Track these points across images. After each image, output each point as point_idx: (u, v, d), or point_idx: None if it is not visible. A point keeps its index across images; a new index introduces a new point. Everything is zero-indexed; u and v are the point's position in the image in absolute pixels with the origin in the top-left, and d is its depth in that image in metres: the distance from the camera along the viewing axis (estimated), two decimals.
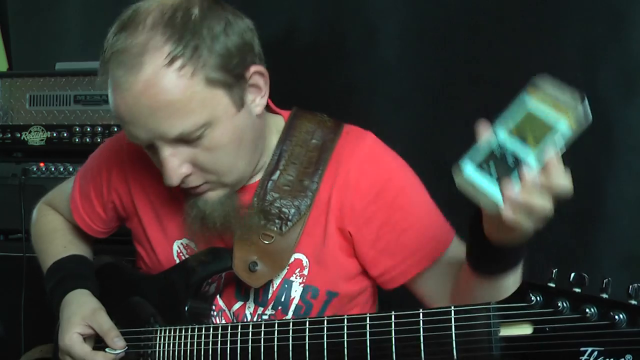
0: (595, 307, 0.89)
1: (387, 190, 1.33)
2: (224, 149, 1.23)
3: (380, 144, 1.39)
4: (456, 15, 2.11)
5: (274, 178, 1.34)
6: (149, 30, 1.16)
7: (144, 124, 1.19)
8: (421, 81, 2.16)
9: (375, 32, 2.22)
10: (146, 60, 1.15)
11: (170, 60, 1.15)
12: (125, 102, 1.18)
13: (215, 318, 1.40)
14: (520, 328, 0.95)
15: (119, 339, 1.35)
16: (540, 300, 0.94)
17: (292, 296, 1.36)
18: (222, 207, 1.30)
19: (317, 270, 1.35)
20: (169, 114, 1.17)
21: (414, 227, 1.33)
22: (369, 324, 1.11)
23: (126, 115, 1.20)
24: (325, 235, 1.34)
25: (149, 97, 1.15)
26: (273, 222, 1.32)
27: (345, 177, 1.33)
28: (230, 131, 1.23)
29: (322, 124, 1.39)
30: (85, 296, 1.43)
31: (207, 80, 1.18)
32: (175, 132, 1.19)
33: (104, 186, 1.49)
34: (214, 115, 1.20)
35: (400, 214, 1.33)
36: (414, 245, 1.33)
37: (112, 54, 1.17)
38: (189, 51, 1.16)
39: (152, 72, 1.15)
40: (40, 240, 1.61)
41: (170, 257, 1.43)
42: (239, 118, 1.24)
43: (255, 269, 1.30)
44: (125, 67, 1.16)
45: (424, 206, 1.38)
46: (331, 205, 1.33)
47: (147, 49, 1.15)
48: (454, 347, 1.01)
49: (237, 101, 1.23)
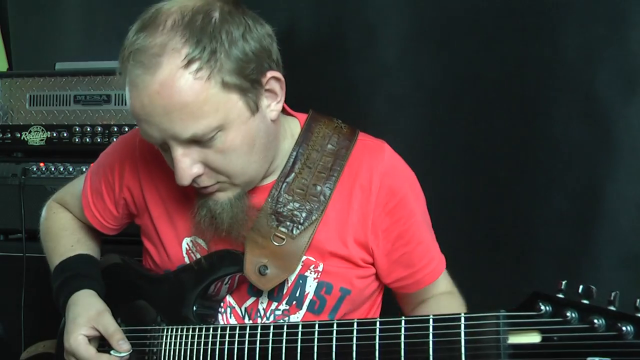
0: (604, 318, 0.90)
1: (404, 204, 1.38)
2: (235, 152, 1.24)
3: (397, 157, 1.44)
4: (456, 15, 2.11)
5: (288, 181, 1.36)
6: (168, 32, 1.17)
7: (157, 123, 1.20)
8: (421, 81, 2.16)
9: (375, 32, 2.22)
10: (164, 61, 1.16)
11: (188, 63, 1.16)
12: (141, 100, 1.19)
13: (223, 315, 1.40)
14: (529, 336, 0.96)
15: (123, 341, 1.36)
16: (550, 310, 0.95)
17: (306, 291, 1.38)
18: (231, 207, 1.31)
19: (332, 266, 1.37)
20: (182, 116, 1.18)
21: (425, 241, 1.42)
22: (378, 327, 1.12)
23: (141, 114, 1.21)
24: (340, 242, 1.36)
25: (164, 97, 1.16)
26: (285, 224, 1.34)
27: (365, 188, 1.36)
28: (242, 135, 1.24)
29: (338, 129, 1.41)
30: (91, 297, 1.44)
31: (223, 84, 1.19)
32: (188, 134, 1.19)
33: (116, 183, 1.50)
34: (227, 119, 1.21)
35: (415, 227, 1.40)
36: (426, 258, 1.42)
37: (130, 52, 1.18)
38: (207, 54, 1.17)
39: (168, 73, 1.16)
40: (48, 238, 1.61)
41: (179, 254, 1.44)
42: (252, 122, 1.25)
43: (265, 272, 1.32)
44: (143, 66, 1.17)
45: (429, 223, 1.47)
46: (350, 214, 1.36)
47: (166, 50, 1.16)
48: (463, 353, 1.02)
49: (251, 106, 1.24)
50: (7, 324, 2.23)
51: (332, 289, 1.38)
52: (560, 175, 1.97)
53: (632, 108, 1.86)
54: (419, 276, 1.42)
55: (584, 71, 1.92)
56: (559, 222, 1.97)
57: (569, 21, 1.93)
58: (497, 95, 2.06)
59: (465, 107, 2.11)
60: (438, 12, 2.13)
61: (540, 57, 1.98)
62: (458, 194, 2.09)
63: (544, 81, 1.98)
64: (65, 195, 1.65)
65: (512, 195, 2.04)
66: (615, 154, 1.88)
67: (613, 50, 1.88)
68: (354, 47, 2.25)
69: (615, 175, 1.89)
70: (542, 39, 1.98)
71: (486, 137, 2.07)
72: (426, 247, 1.43)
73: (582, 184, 1.94)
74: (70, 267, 1.49)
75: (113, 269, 1.55)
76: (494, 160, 2.06)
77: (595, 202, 1.91)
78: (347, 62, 2.26)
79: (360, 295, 1.42)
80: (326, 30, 2.30)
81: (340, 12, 2.28)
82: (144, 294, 1.46)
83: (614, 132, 1.88)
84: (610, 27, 1.88)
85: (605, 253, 1.91)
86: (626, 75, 1.87)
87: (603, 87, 1.89)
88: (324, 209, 1.35)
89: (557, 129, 1.96)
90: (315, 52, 2.30)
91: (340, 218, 1.36)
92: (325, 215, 1.35)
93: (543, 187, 1.99)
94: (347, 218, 1.36)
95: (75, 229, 1.60)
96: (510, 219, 2.04)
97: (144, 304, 1.45)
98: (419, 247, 1.41)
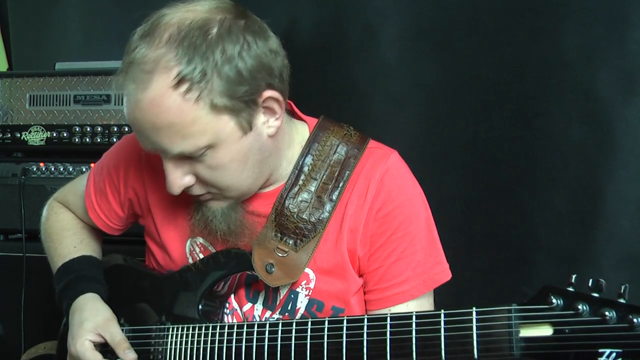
0: (615, 310, 0.91)
1: (396, 214, 1.33)
2: (226, 168, 1.24)
3: (402, 166, 1.39)
4: (456, 15, 2.11)
5: (292, 193, 1.35)
6: (163, 46, 1.16)
7: (147, 136, 1.21)
8: (421, 81, 2.16)
9: (375, 32, 2.22)
10: (154, 79, 1.16)
11: (178, 83, 1.15)
12: (133, 114, 1.20)
13: (227, 317, 1.41)
14: (541, 329, 0.97)
15: (130, 351, 1.36)
16: (561, 303, 0.95)
17: (297, 306, 1.37)
18: (224, 217, 1.31)
19: (323, 285, 1.36)
20: (170, 134, 1.18)
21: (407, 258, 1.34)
22: (389, 323, 1.12)
23: (134, 124, 1.23)
24: (336, 250, 1.35)
25: (153, 115, 1.17)
26: (288, 236, 1.33)
27: (361, 194, 1.34)
28: (233, 153, 1.23)
29: (348, 137, 1.39)
30: (97, 302, 1.44)
31: (212, 105, 1.18)
32: (175, 151, 1.20)
33: (121, 183, 1.49)
34: (217, 139, 1.20)
35: (399, 241, 1.33)
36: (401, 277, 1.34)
37: (129, 64, 1.18)
38: (198, 75, 1.15)
39: (158, 92, 1.16)
40: (49, 239, 1.61)
41: (182, 255, 1.44)
42: (245, 141, 1.23)
43: (272, 270, 1.32)
44: (135, 81, 1.17)
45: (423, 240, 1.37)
46: (345, 223, 1.34)
47: (158, 67, 1.16)
48: (475, 347, 1.02)
49: (244, 125, 1.22)
50: (7, 324, 2.23)
51: (324, 307, 1.37)
52: (560, 175, 1.96)
53: (632, 108, 1.86)
54: (388, 293, 1.34)
55: (584, 71, 1.92)
56: (559, 222, 1.97)
57: (569, 21, 1.93)
58: (497, 95, 2.06)
59: (465, 107, 2.11)
60: (438, 12, 2.13)
61: (540, 57, 1.98)
62: (458, 194, 2.09)
63: (544, 81, 1.98)
64: (67, 194, 1.64)
65: (512, 195, 2.04)
66: (615, 154, 1.88)
67: (613, 50, 1.88)
68: (354, 47, 2.25)
69: (615, 175, 1.89)
70: (542, 39, 1.98)
71: (486, 137, 2.07)
72: (405, 265, 1.34)
73: (582, 184, 1.94)
74: (73, 269, 1.49)
75: (116, 270, 1.55)
76: (494, 160, 2.06)
77: (595, 202, 1.91)
78: (347, 62, 2.26)
79: (357, 313, 1.38)
80: (326, 30, 2.30)
81: (340, 12, 2.28)
82: (148, 293, 1.46)
83: (614, 132, 1.88)
84: (610, 27, 1.88)
85: (605, 253, 1.91)
86: (626, 75, 1.87)
87: (603, 87, 1.89)
88: (328, 221, 1.34)
89: (557, 129, 1.96)
90: (315, 52, 2.30)
91: (337, 226, 1.35)
92: (328, 227, 1.34)
93: (543, 187, 1.99)
94: (342, 224, 1.34)
95: (77, 229, 1.60)
96: (510, 219, 2.04)
97: (147, 303, 1.45)
98: (398, 263, 1.34)
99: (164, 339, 1.38)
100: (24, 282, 2.15)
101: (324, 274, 1.36)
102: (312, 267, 1.35)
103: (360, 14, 2.23)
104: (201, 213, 1.32)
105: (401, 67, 2.19)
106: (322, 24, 2.30)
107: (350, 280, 1.36)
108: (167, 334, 1.38)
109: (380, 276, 1.35)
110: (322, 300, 1.36)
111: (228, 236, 1.33)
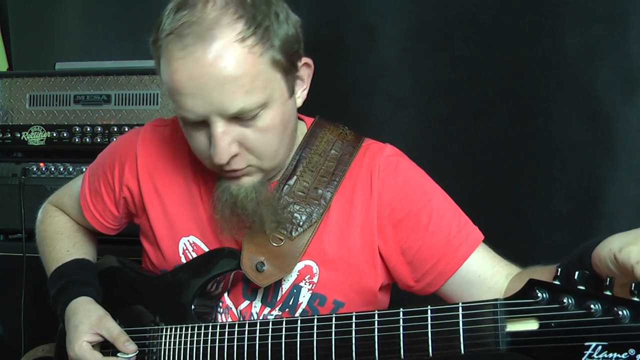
0: (600, 303, 0.90)
1: (410, 197, 1.34)
2: (274, 131, 1.25)
3: (398, 153, 1.41)
4: (456, 15, 2.11)
5: (290, 183, 1.36)
6: (220, 8, 1.17)
7: (206, 96, 1.18)
8: (421, 81, 2.16)
9: (375, 32, 2.22)
10: (218, 34, 1.15)
11: (243, 38, 1.16)
12: (190, 72, 1.17)
13: (221, 315, 1.41)
14: (527, 323, 0.96)
15: (129, 343, 1.36)
16: (546, 297, 0.95)
17: (299, 301, 1.37)
18: (255, 193, 1.30)
19: (327, 278, 1.36)
20: (234, 89, 1.17)
21: (441, 229, 1.33)
22: (377, 320, 1.12)
23: (187, 87, 1.18)
24: (342, 245, 1.35)
25: (218, 69, 1.16)
26: (284, 225, 1.34)
27: (366, 187, 1.35)
28: (281, 115, 1.25)
29: (343, 136, 1.41)
30: (90, 304, 1.43)
31: (273, 61, 1.20)
32: (236, 108, 1.19)
33: (116, 182, 1.49)
34: (272, 97, 1.22)
35: (426, 218, 1.34)
36: (443, 247, 1.33)
37: (179, 26, 1.17)
38: (261, 31, 1.18)
39: (223, 45, 1.15)
40: (44, 243, 1.60)
41: (176, 254, 1.44)
42: (289, 104, 1.27)
43: (262, 269, 1.32)
44: (195, 36, 1.15)
45: (449, 210, 1.37)
46: (354, 219, 1.35)
47: (220, 24, 1.16)
48: (462, 342, 1.02)
49: (290, 87, 1.26)
50: (7, 324, 2.23)
51: (326, 301, 1.37)
52: (560, 175, 1.97)
53: (632, 108, 1.86)
54: (441, 266, 1.33)
55: (584, 71, 1.92)
56: (559, 222, 1.97)
57: (569, 21, 1.94)
58: (497, 95, 2.06)
59: (465, 107, 2.11)
60: (438, 12, 2.14)
61: (540, 57, 1.98)
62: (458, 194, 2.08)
63: (544, 81, 1.98)
64: (62, 197, 1.64)
65: (512, 195, 2.04)
66: (615, 154, 1.88)
67: (613, 50, 1.88)
68: (354, 47, 2.25)
69: (615, 175, 1.89)
70: (542, 39, 1.98)
71: (486, 137, 2.08)
72: (445, 235, 1.33)
73: (582, 184, 1.94)
74: (66, 274, 1.49)
75: (110, 271, 1.55)
76: (494, 160, 2.06)
77: (595, 202, 1.91)
78: (347, 62, 2.26)
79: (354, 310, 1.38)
80: (326, 30, 2.30)
81: (340, 12, 2.28)
82: (142, 294, 1.46)
83: (614, 132, 1.88)
84: (610, 27, 1.88)
85: None
86: (626, 75, 1.87)
87: (603, 87, 1.89)
88: (325, 212, 1.35)
89: (557, 129, 1.96)
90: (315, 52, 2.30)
91: (343, 221, 1.36)
92: (326, 219, 1.35)
93: (543, 187, 1.99)
94: (350, 220, 1.35)
95: (71, 232, 1.59)
96: (510, 219, 2.04)
97: (141, 304, 1.45)
98: (434, 236, 1.33)
99: (158, 340, 1.38)
100: (24, 282, 2.15)
101: (328, 267, 1.36)
102: (314, 260, 1.36)
103: (360, 14, 2.24)
104: (229, 194, 1.30)
105: (401, 67, 2.19)
106: (322, 24, 2.31)
107: (357, 276, 1.37)
108: (161, 334, 1.38)
109: (425, 256, 1.33)
110: (324, 294, 1.37)
111: (255, 212, 1.31)
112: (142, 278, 1.49)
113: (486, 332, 1.00)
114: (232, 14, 1.17)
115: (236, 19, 1.17)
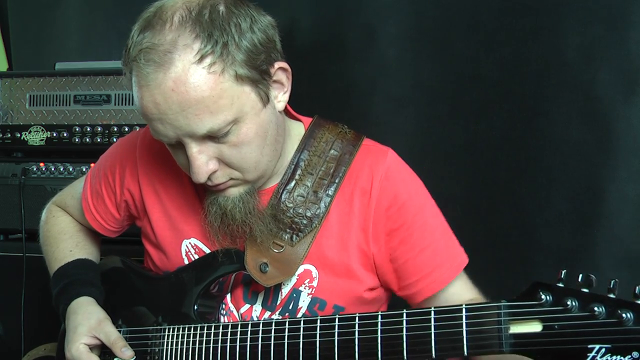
0: (604, 306, 0.91)
1: (407, 209, 1.34)
2: (250, 144, 1.24)
3: (401, 162, 1.40)
4: (456, 15, 2.11)
5: (288, 188, 1.35)
6: (177, 28, 1.15)
7: (172, 121, 1.18)
8: (421, 81, 2.16)
9: (375, 32, 2.22)
10: (176, 58, 1.14)
11: (200, 58, 1.15)
12: (154, 99, 1.17)
13: (223, 317, 1.40)
14: (530, 325, 0.96)
15: (126, 348, 1.35)
16: (550, 299, 0.95)
17: (299, 305, 1.37)
18: (242, 204, 1.30)
19: (327, 282, 1.36)
20: (198, 111, 1.17)
21: (431, 246, 1.35)
22: (380, 321, 1.12)
23: (154, 113, 1.19)
24: (342, 248, 1.35)
25: (179, 93, 1.15)
26: (285, 231, 1.33)
27: (365, 191, 1.34)
28: (256, 127, 1.23)
29: (342, 135, 1.40)
30: (90, 305, 1.43)
31: (236, 76, 1.18)
32: (204, 129, 1.18)
33: (117, 185, 1.49)
34: (241, 112, 1.20)
35: (419, 232, 1.35)
36: (432, 264, 1.35)
37: (139, 51, 1.16)
38: (219, 48, 1.16)
39: (182, 69, 1.14)
40: (47, 242, 1.60)
41: (178, 257, 1.43)
42: (264, 114, 1.24)
43: (266, 270, 1.32)
44: (154, 64, 1.15)
45: (439, 227, 1.39)
46: (353, 221, 1.34)
47: (177, 47, 1.14)
48: (465, 344, 1.02)
49: (263, 97, 1.23)
50: (7, 324, 2.23)
51: (326, 306, 1.37)
52: (560, 175, 1.97)
53: (632, 108, 1.86)
54: (422, 284, 1.36)
55: (584, 71, 1.92)
56: (559, 222, 1.97)
57: (569, 21, 1.94)
58: (497, 95, 2.06)
59: (465, 107, 2.11)
60: (438, 12, 2.14)
61: (540, 57, 1.98)
62: (458, 194, 2.09)
63: (544, 81, 1.98)
64: (65, 197, 1.64)
65: (512, 195, 2.04)
66: (615, 154, 1.88)
67: (613, 50, 1.88)
68: (354, 47, 2.26)
69: (615, 175, 1.89)
70: (542, 39, 1.98)
71: (486, 137, 2.08)
72: (432, 253, 1.35)
73: (582, 184, 1.94)
74: (68, 273, 1.49)
75: (113, 271, 1.55)
76: (494, 160, 2.06)
77: (595, 202, 1.91)
78: (347, 62, 2.26)
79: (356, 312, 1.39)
80: (326, 30, 2.30)
81: (340, 12, 2.28)
82: (145, 295, 1.46)
83: (614, 132, 1.88)
84: (610, 27, 1.88)
85: (605, 253, 1.91)
86: (626, 75, 1.87)
87: (603, 87, 1.90)
88: (324, 216, 1.34)
89: (557, 129, 1.96)
90: (315, 52, 2.30)
91: (342, 223, 1.35)
92: (326, 222, 1.35)
93: (543, 187, 1.99)
94: (348, 223, 1.35)
95: (74, 232, 1.59)
96: (510, 219, 2.04)
97: (144, 305, 1.45)
98: (423, 253, 1.35)
99: (161, 340, 1.38)
100: (24, 282, 2.15)
101: (328, 272, 1.35)
102: (314, 264, 1.36)
103: (360, 14, 2.24)
104: (217, 206, 1.30)
105: (401, 67, 2.20)
106: (322, 24, 2.31)
107: (356, 280, 1.36)
108: (164, 334, 1.38)
109: (410, 270, 1.35)
110: (324, 298, 1.36)
111: (245, 223, 1.31)
112: (145, 279, 1.49)
113: (489, 334, 1.00)
114: (189, 33, 1.15)
115: (193, 38, 1.15)
